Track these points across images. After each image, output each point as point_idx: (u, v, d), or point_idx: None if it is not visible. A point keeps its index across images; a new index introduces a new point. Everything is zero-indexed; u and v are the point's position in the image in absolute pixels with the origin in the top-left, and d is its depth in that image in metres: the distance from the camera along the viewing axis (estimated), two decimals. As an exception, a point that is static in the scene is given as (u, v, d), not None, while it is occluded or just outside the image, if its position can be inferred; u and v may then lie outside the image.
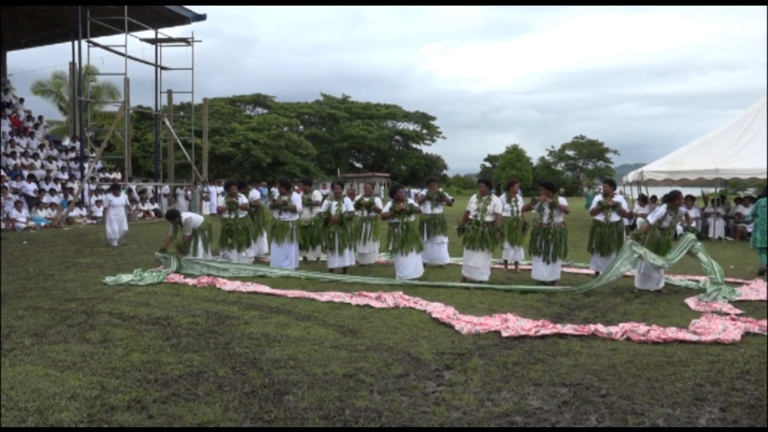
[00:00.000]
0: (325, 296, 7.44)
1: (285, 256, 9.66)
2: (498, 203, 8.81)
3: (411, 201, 9.09)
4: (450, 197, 10.49)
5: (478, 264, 8.69)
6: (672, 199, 8.23)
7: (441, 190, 10.58)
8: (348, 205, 9.43)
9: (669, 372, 4.63)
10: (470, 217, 8.85)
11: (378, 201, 10.18)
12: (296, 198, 9.84)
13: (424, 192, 10.44)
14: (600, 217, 9.29)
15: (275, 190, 10.19)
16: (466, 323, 5.97)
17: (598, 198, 9.52)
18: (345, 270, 9.41)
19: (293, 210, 9.70)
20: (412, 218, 9.03)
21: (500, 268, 10.15)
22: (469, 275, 8.74)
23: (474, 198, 8.96)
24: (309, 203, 10.39)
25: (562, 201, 8.65)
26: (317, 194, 10.74)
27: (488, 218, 8.73)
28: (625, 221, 9.86)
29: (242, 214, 9.91)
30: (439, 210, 10.26)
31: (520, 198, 10.04)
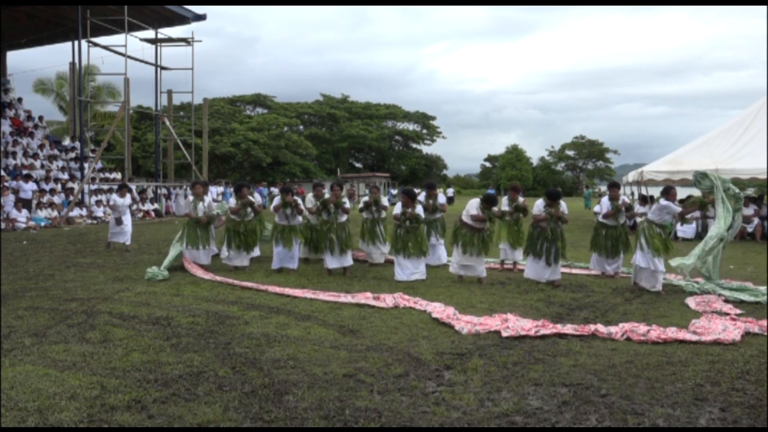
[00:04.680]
0: (324, 296, 7.43)
1: (290, 256, 9.65)
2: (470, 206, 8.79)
3: (419, 209, 9.04)
4: (443, 203, 10.40)
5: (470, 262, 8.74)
6: (666, 192, 8.35)
7: (441, 190, 10.58)
8: (342, 216, 9.45)
9: (669, 372, 4.63)
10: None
11: (384, 199, 10.14)
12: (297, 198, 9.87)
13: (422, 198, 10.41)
14: (611, 222, 9.20)
15: (275, 190, 10.17)
16: (466, 323, 5.97)
17: (605, 201, 9.35)
18: (345, 271, 9.41)
19: (300, 212, 9.74)
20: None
21: (497, 268, 10.11)
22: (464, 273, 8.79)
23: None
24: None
25: (564, 210, 8.61)
26: (309, 198, 10.75)
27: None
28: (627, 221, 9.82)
29: (249, 216, 9.92)
30: (438, 214, 10.25)
31: (521, 200, 9.99)
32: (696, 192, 17.89)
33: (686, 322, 6.09)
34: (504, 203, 10.10)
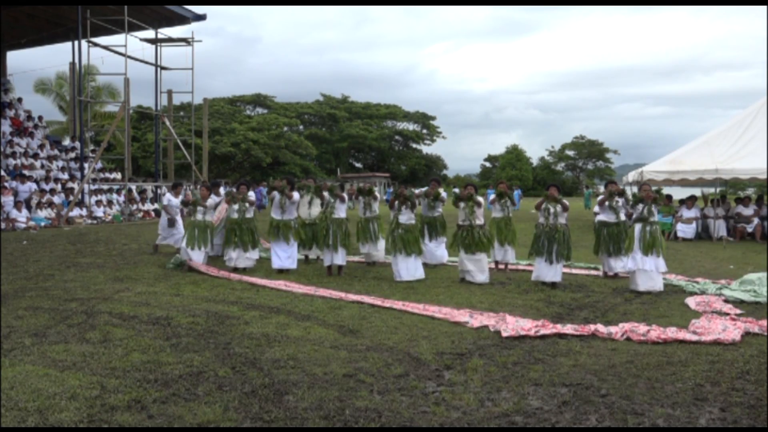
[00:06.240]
0: (354, 298, 7.38)
1: (287, 256, 9.67)
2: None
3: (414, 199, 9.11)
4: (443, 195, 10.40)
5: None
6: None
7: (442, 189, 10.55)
8: (340, 210, 9.45)
9: (669, 372, 4.63)
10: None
11: (376, 192, 10.12)
12: (296, 194, 9.91)
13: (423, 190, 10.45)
14: (608, 217, 9.14)
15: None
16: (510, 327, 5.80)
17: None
18: (340, 269, 9.42)
19: (290, 198, 9.71)
20: (413, 221, 9.03)
21: (491, 267, 10.01)
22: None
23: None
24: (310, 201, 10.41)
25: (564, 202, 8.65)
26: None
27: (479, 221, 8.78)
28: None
29: (249, 214, 9.94)
30: (438, 212, 10.24)
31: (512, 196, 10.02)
32: (697, 192, 17.92)
33: (686, 322, 6.08)
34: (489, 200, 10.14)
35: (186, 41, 26.02)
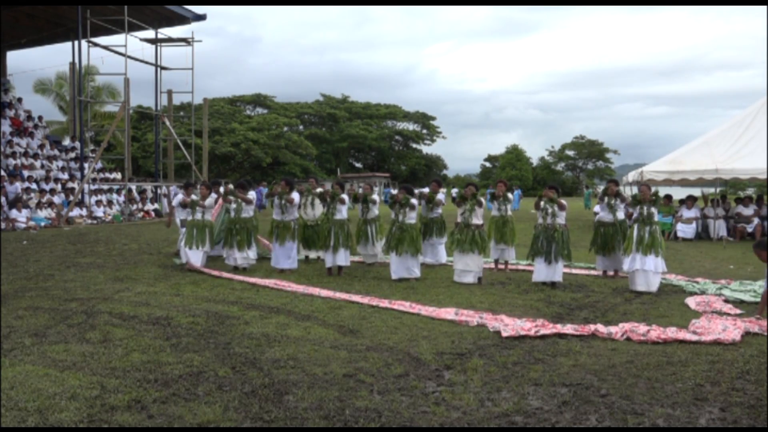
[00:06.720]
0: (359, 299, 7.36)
1: (287, 256, 9.69)
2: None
3: (413, 201, 9.09)
4: (441, 199, 10.39)
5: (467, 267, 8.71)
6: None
7: (444, 191, 10.58)
8: (342, 210, 9.46)
9: (669, 372, 4.63)
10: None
11: (375, 196, 10.11)
12: (297, 195, 9.92)
13: (425, 190, 10.49)
14: (607, 216, 9.18)
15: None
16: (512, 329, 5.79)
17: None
18: (340, 270, 9.42)
19: (290, 202, 9.71)
20: (413, 220, 9.02)
21: (491, 268, 10.06)
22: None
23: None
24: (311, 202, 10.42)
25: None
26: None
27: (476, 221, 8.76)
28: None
29: (247, 214, 9.94)
30: (437, 213, 10.26)
31: (509, 197, 10.02)
32: (697, 192, 17.90)
33: (686, 322, 6.09)
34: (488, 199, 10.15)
35: (186, 41, 26.02)
